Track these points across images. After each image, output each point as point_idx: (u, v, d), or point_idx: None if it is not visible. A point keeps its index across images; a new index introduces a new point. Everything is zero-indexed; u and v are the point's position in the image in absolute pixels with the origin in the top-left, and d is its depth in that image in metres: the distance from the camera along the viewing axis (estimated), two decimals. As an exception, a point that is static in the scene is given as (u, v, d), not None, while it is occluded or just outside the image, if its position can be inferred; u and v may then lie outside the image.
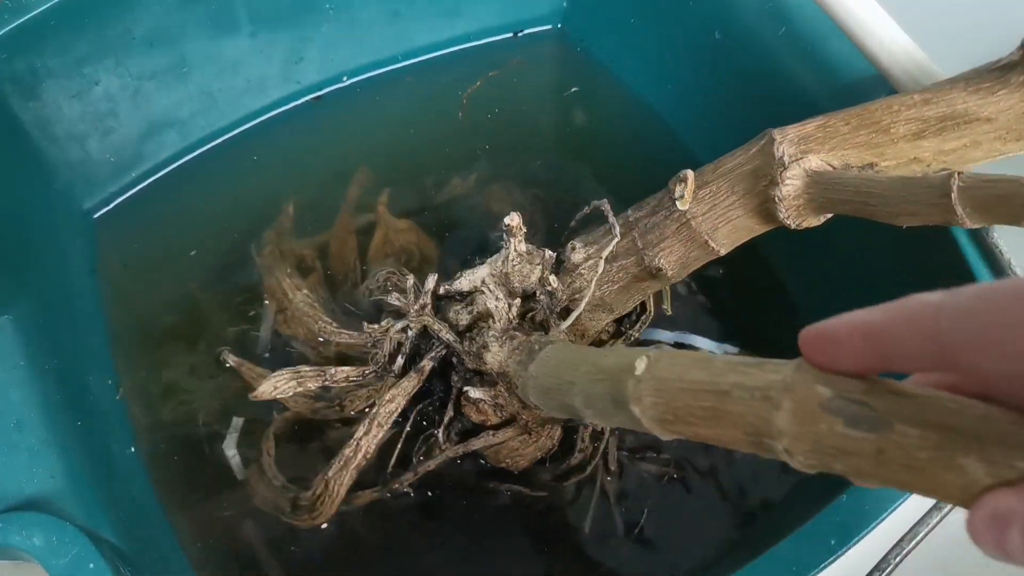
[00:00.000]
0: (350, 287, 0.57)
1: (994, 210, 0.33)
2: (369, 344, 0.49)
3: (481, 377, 0.46)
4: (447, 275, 0.54)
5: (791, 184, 0.39)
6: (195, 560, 0.48)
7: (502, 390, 0.45)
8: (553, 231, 0.60)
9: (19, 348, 0.44)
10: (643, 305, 0.50)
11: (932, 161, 0.39)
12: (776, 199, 0.39)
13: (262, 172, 0.64)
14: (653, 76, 0.66)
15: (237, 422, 0.51)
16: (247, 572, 0.48)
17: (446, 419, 0.48)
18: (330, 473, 0.46)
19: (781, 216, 0.40)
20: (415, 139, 0.66)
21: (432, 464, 0.47)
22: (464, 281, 0.47)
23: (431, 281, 0.48)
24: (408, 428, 0.48)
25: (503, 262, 0.46)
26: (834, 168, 0.39)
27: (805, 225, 0.41)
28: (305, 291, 0.54)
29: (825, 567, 0.36)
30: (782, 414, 0.27)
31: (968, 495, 0.23)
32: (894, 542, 0.38)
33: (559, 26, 0.72)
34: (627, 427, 0.35)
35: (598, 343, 0.50)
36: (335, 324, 0.51)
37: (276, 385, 0.47)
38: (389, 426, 0.47)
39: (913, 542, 0.38)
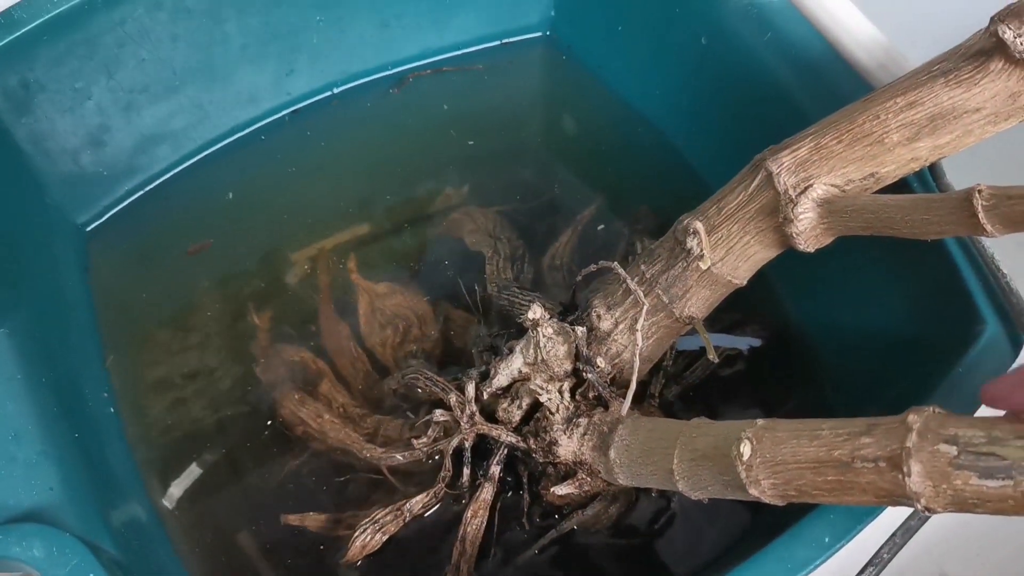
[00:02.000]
0: (363, 377, 0.55)
1: (1024, 223, 0.33)
2: (424, 458, 0.49)
3: (554, 466, 0.47)
4: (449, 336, 0.55)
5: (805, 218, 0.40)
6: (192, 569, 0.49)
7: (583, 476, 0.46)
8: (529, 239, 0.61)
9: (14, 361, 0.45)
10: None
11: (929, 156, 0.39)
12: (794, 235, 0.40)
13: (254, 182, 0.65)
14: (641, 81, 0.67)
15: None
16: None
17: (525, 507, 0.48)
18: None
19: (800, 247, 0.41)
20: (404, 149, 0.67)
21: (529, 554, 0.48)
22: (502, 377, 0.47)
23: (471, 390, 0.48)
24: (496, 529, 0.49)
25: (534, 349, 0.46)
26: (839, 188, 0.40)
27: (821, 246, 0.41)
28: (328, 416, 0.52)
29: (818, 565, 0.37)
30: (914, 479, 0.29)
31: None
32: (887, 537, 0.39)
33: (547, 33, 0.72)
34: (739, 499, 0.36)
35: (641, 386, 0.50)
36: (380, 450, 0.50)
37: (364, 543, 0.47)
38: (481, 538, 0.47)
39: (906, 535, 0.39)
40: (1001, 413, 0.30)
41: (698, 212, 0.43)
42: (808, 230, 0.40)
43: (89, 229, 0.62)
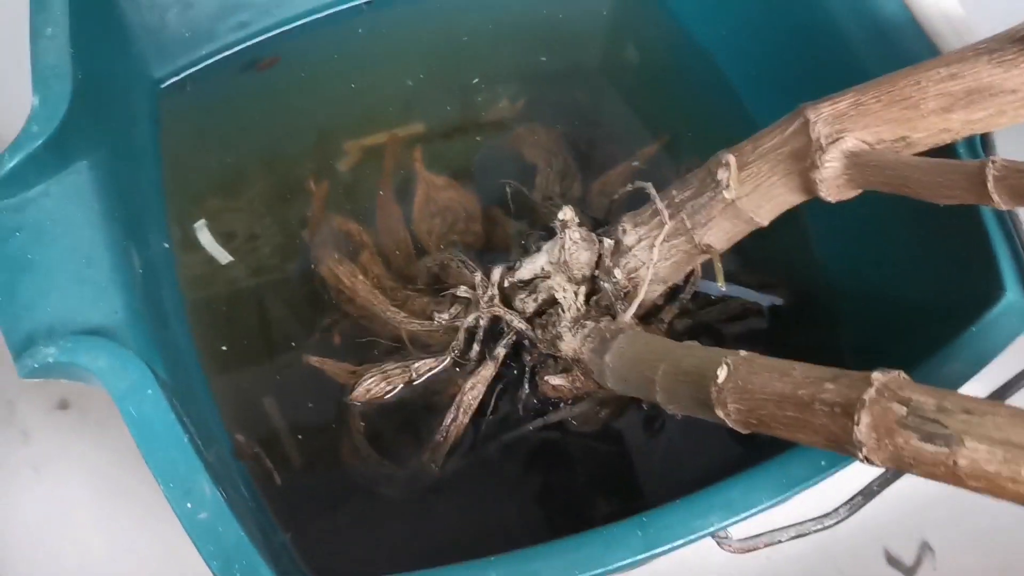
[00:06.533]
0: (403, 257, 0.59)
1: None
2: (440, 331, 0.53)
3: (555, 360, 0.50)
4: (492, 237, 0.58)
5: (831, 166, 0.41)
6: (220, 400, 0.53)
7: (578, 374, 0.49)
8: (585, 164, 0.63)
9: (93, 192, 0.47)
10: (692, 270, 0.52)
11: (960, 130, 0.41)
12: (817, 181, 0.42)
13: (322, 66, 0.67)
14: (708, 16, 0.67)
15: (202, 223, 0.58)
16: (264, 439, 0.53)
17: (523, 395, 0.52)
18: (424, 457, 0.51)
19: (822, 194, 0.42)
20: (468, 55, 0.69)
21: (514, 435, 0.52)
22: (525, 270, 0.51)
23: (497, 274, 0.51)
24: (491, 408, 0.52)
25: (560, 250, 0.49)
26: (869, 145, 0.41)
27: (843, 199, 0.43)
28: (361, 278, 0.56)
29: (811, 484, 0.40)
30: (862, 428, 0.31)
31: None
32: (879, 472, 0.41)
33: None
34: (707, 419, 0.38)
35: (654, 308, 0.53)
36: (403, 314, 0.54)
37: (368, 387, 0.51)
38: (474, 411, 0.51)
39: (897, 472, 0.40)
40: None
41: (735, 148, 0.46)
42: (831, 178, 0.42)
43: (164, 86, 0.64)
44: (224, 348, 0.55)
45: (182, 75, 0.65)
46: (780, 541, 0.41)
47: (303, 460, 0.52)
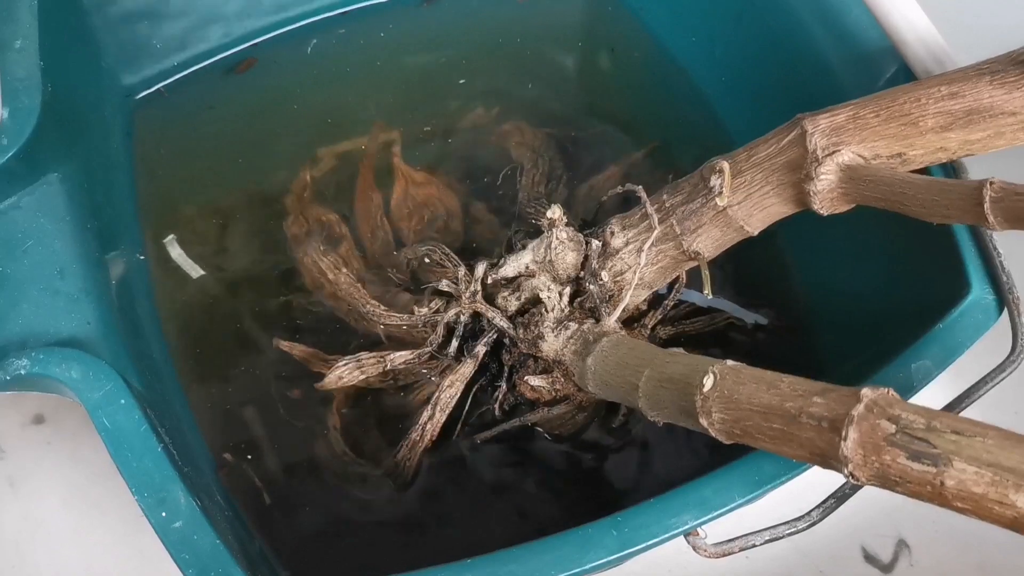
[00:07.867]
0: (380, 246, 0.58)
1: (1024, 221, 0.34)
2: (420, 325, 0.52)
3: (535, 360, 0.49)
4: (472, 236, 0.57)
5: (825, 179, 0.41)
6: (201, 424, 0.53)
7: (558, 375, 0.48)
8: (571, 167, 0.62)
9: (65, 203, 0.47)
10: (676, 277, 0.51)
11: (957, 150, 0.41)
12: (811, 193, 0.41)
13: (294, 78, 0.67)
14: (679, 26, 0.67)
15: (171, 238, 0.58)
16: (243, 445, 0.52)
17: (500, 395, 0.51)
18: (399, 455, 0.50)
19: (815, 207, 0.42)
20: (436, 66, 0.68)
21: (490, 435, 0.51)
22: (509, 268, 0.50)
23: (481, 269, 0.50)
24: (467, 406, 0.51)
25: (545, 250, 0.48)
26: (865, 160, 0.41)
27: (836, 212, 0.42)
28: (345, 271, 0.55)
29: (783, 482, 0.40)
30: (848, 444, 0.31)
31: (1019, 525, 0.27)
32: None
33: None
34: (690, 428, 0.38)
35: (637, 314, 0.52)
36: (383, 307, 0.53)
37: (341, 375, 0.50)
38: (451, 409, 0.50)
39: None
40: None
41: (729, 156, 0.45)
42: (825, 191, 0.41)
43: (137, 98, 0.64)
44: (200, 358, 0.55)
45: (154, 87, 0.64)
46: (755, 545, 0.40)
47: (281, 468, 0.52)
